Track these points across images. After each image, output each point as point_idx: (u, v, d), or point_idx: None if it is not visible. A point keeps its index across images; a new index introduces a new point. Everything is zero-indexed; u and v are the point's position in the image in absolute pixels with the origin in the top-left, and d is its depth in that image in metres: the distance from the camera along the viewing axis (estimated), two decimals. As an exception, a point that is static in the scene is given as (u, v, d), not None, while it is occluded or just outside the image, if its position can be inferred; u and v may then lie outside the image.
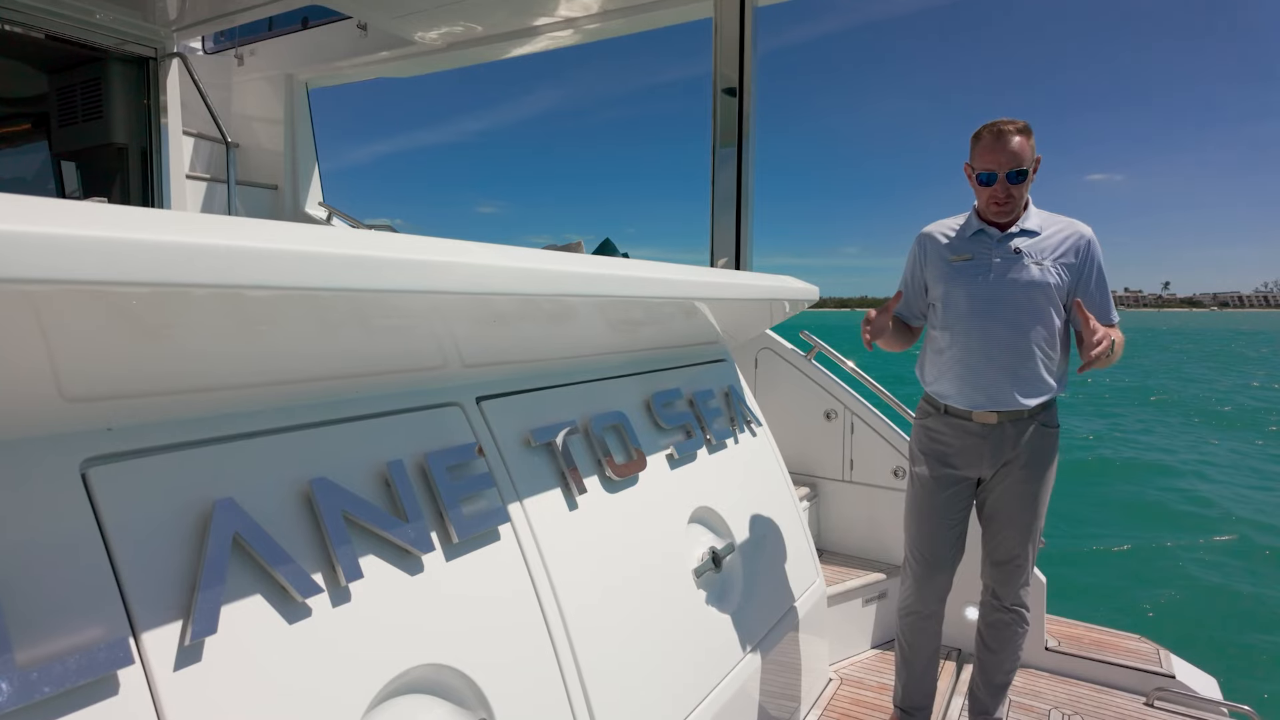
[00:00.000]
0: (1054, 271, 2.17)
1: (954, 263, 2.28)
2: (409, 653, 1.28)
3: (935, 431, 2.35)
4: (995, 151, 2.14)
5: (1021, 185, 2.17)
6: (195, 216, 0.92)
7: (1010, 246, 2.21)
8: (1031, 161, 2.16)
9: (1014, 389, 2.20)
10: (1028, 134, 2.15)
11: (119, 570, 0.98)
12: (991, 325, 2.20)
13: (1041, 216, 2.26)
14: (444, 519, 1.44)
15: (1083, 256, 2.20)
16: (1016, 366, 2.19)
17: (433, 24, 4.15)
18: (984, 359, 2.22)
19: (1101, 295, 2.22)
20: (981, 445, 2.26)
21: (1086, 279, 2.21)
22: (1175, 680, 2.81)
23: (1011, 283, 2.18)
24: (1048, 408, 2.27)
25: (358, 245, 1.10)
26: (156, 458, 1.08)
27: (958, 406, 2.28)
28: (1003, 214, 2.20)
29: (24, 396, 0.96)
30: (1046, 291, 2.16)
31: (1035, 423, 2.24)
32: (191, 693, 0.99)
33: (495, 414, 1.71)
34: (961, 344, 2.25)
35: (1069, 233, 2.22)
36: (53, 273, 0.73)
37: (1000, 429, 2.23)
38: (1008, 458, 2.24)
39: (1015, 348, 2.18)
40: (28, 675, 0.84)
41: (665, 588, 1.97)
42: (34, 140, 4.95)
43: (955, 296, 2.26)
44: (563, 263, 1.59)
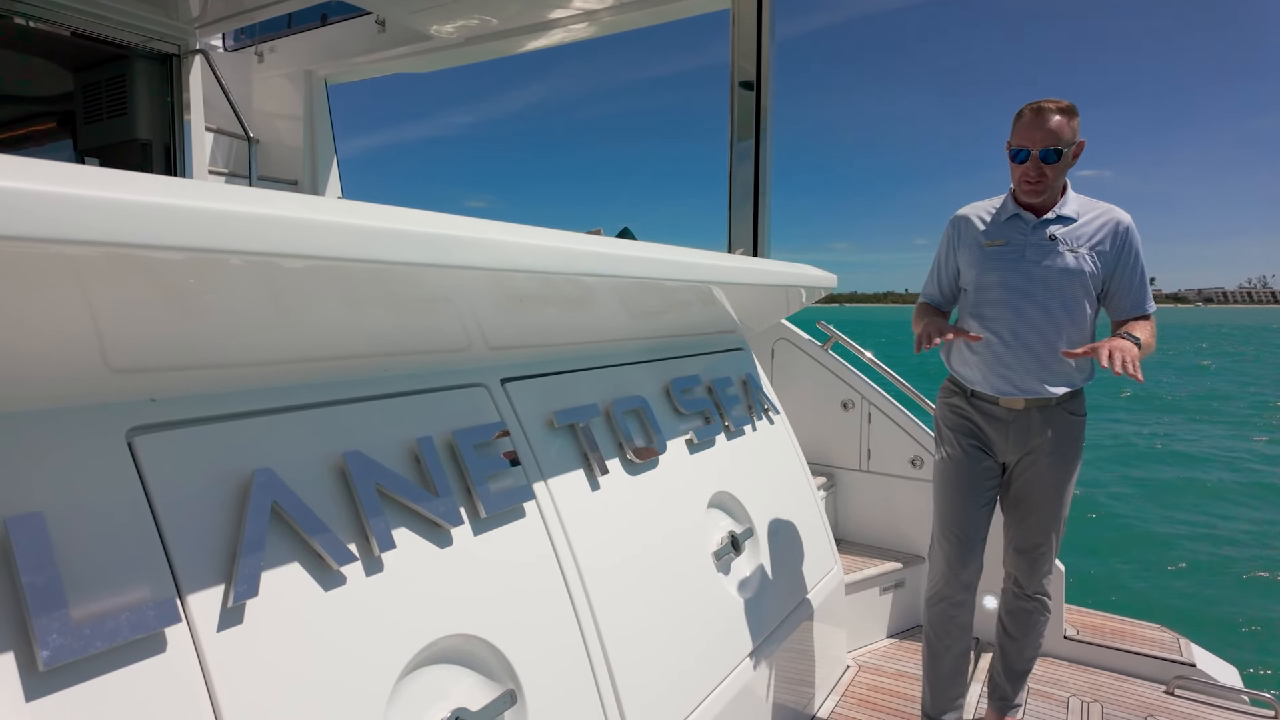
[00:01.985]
0: (1089, 260, 2.11)
1: (988, 248, 2.22)
2: (440, 623, 1.31)
3: (960, 409, 2.31)
4: (1032, 128, 2.06)
5: (1056, 166, 2.08)
6: (234, 189, 0.95)
7: (1046, 233, 2.15)
8: (1071, 144, 2.07)
9: (1042, 378, 2.16)
10: (1070, 114, 2.07)
11: (164, 534, 1.01)
12: (1023, 314, 2.16)
13: (1079, 202, 2.19)
14: (472, 494, 1.47)
15: (1120, 244, 2.13)
16: (1046, 356, 2.14)
17: (449, 18, 4.19)
18: (1014, 348, 2.17)
19: (1139, 285, 2.15)
20: (1007, 430, 2.22)
21: (1124, 268, 2.14)
22: (1196, 669, 2.80)
23: (1045, 271, 2.13)
24: (1075, 396, 2.23)
25: (385, 219, 1.12)
26: (198, 428, 1.12)
27: (984, 392, 2.24)
28: (1033, 194, 2.12)
29: (73, 367, 0.99)
30: (1081, 280, 2.11)
31: (1062, 410, 2.20)
32: (234, 651, 1.02)
33: (519, 395, 1.73)
34: (992, 331, 2.20)
35: (1106, 219, 2.14)
36: (109, 235, 0.76)
37: (1027, 415, 2.20)
38: (1033, 445, 2.21)
39: (1046, 337, 2.14)
40: (81, 630, 0.88)
41: (686, 569, 1.99)
42: (59, 138, 5.04)
43: (988, 283, 2.21)
44: (587, 243, 1.62)
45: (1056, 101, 2.07)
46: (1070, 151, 2.09)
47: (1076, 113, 2.08)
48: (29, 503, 0.90)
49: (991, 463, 2.28)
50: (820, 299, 3.02)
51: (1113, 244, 2.12)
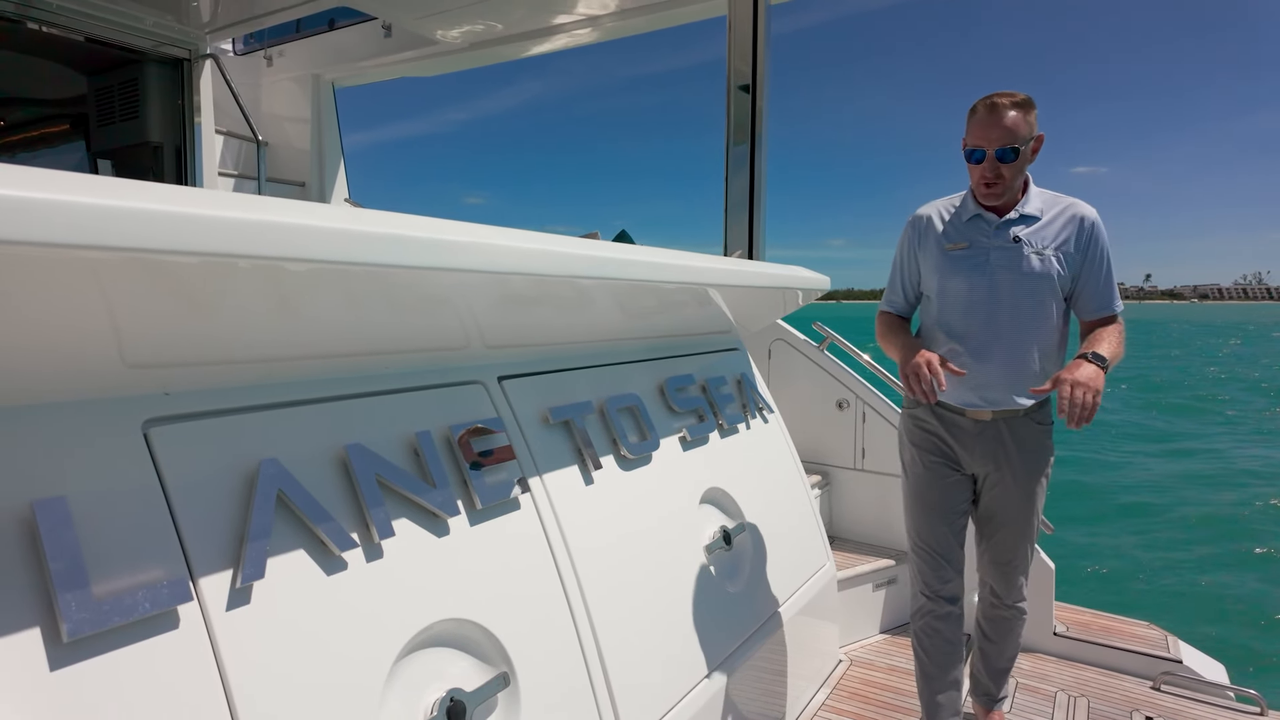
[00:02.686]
0: (1056, 261, 2.01)
1: (950, 252, 2.11)
2: (436, 608, 1.38)
3: (924, 422, 2.22)
4: (986, 126, 1.95)
5: (1014, 165, 1.97)
6: (246, 197, 1.02)
7: (1009, 234, 2.05)
8: (1028, 139, 1.97)
9: (1011, 389, 2.06)
10: (1026, 109, 1.95)
11: (177, 519, 1.09)
12: (989, 323, 2.05)
13: (1043, 199, 2.08)
14: (468, 487, 1.54)
15: (1085, 241, 2.03)
16: (1015, 366, 2.05)
17: (454, 24, 4.27)
18: (981, 358, 2.07)
19: (1105, 283, 2.05)
20: (974, 443, 2.14)
21: (1090, 266, 2.04)
22: (1182, 665, 2.85)
23: (1011, 276, 2.03)
24: (1042, 405, 2.14)
25: (389, 225, 1.19)
26: (209, 421, 1.19)
27: (950, 404, 2.15)
28: (992, 196, 2.02)
29: (93, 362, 1.06)
30: (1048, 284, 2.01)
31: (1029, 420, 2.12)
32: (241, 629, 1.09)
33: (516, 392, 1.80)
34: (958, 342, 2.10)
35: (1070, 216, 2.05)
36: (125, 241, 0.83)
37: (994, 426, 2.11)
38: (1002, 457, 2.13)
39: (1014, 347, 2.04)
40: (101, 605, 0.95)
41: (677, 561, 2.06)
42: (73, 140, 5.14)
43: (952, 291, 2.10)
44: (584, 247, 1.69)
45: (1011, 95, 1.96)
46: (1029, 148, 1.99)
47: (1033, 105, 1.98)
48: (53, 487, 0.98)
49: (960, 476, 2.20)
50: (816, 297, 3.08)
51: (1078, 242, 2.03)
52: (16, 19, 3.79)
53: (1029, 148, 1.98)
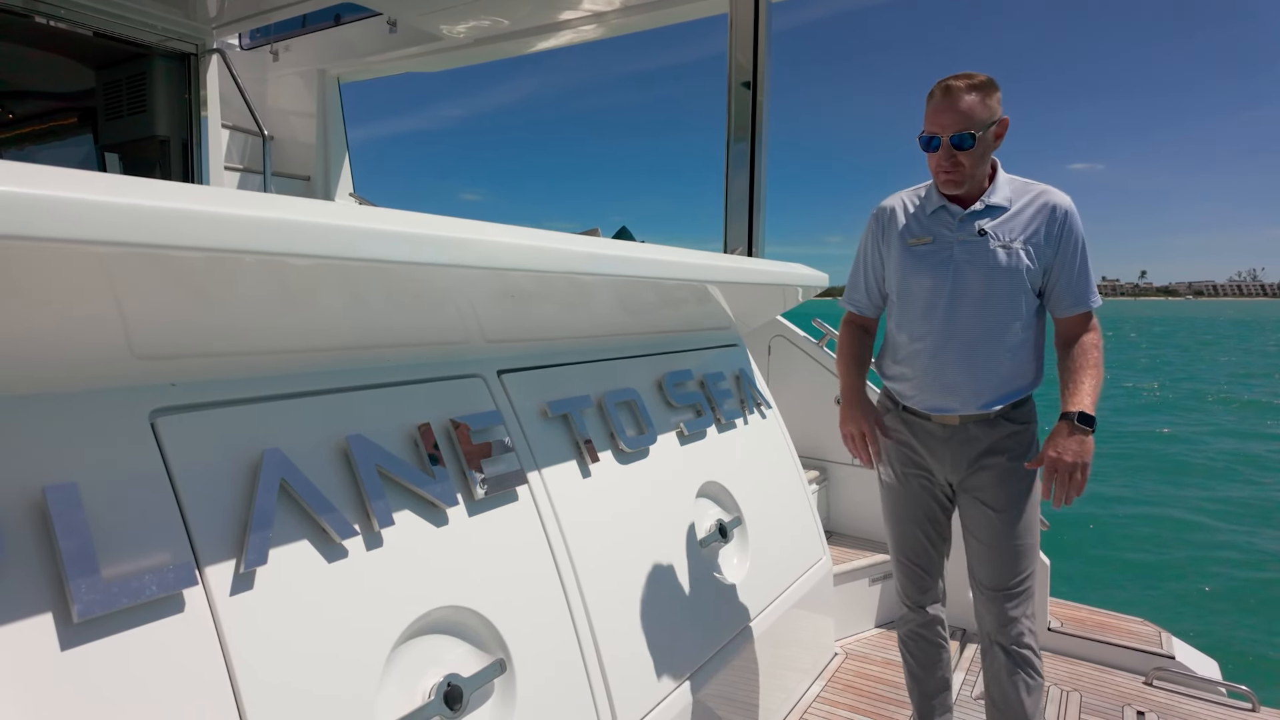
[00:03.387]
0: (1024, 254, 1.86)
1: (913, 247, 1.97)
2: (434, 595, 1.41)
3: (893, 430, 2.09)
4: (940, 111, 1.81)
5: (972, 152, 1.81)
6: (249, 194, 1.06)
7: (974, 227, 1.89)
8: (988, 123, 1.80)
9: (977, 394, 1.92)
10: (986, 91, 1.80)
11: (183, 506, 1.12)
12: (953, 323, 1.92)
13: (1012, 187, 1.92)
14: (467, 478, 1.57)
15: (1058, 231, 1.86)
16: (981, 369, 1.91)
17: (459, 19, 4.29)
18: (944, 361, 1.94)
19: (1079, 277, 1.88)
20: (943, 448, 2.00)
21: (1063, 258, 1.87)
22: (1175, 661, 2.87)
23: (976, 272, 1.88)
24: (1020, 404, 1.97)
25: (393, 222, 1.23)
26: (214, 411, 1.22)
27: (915, 408, 2.02)
28: (951, 184, 1.87)
29: (102, 352, 1.10)
30: (1016, 279, 1.86)
31: (1005, 421, 1.95)
32: (244, 613, 1.13)
33: (515, 386, 1.84)
34: (920, 343, 1.97)
35: (1041, 204, 1.88)
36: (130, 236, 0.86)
37: (964, 430, 1.96)
38: (976, 463, 1.96)
39: (980, 348, 1.90)
40: (109, 587, 0.99)
41: (673, 553, 2.09)
42: (81, 133, 5.18)
43: (913, 290, 1.97)
44: (586, 244, 1.72)
45: (969, 77, 1.81)
46: (990, 133, 1.82)
47: (995, 87, 1.82)
48: (64, 473, 1.01)
49: (932, 484, 2.07)
50: (816, 294, 3.11)
51: (1049, 232, 1.86)
52: (25, 14, 3.83)
53: (990, 133, 1.83)
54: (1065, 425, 1.80)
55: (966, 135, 1.80)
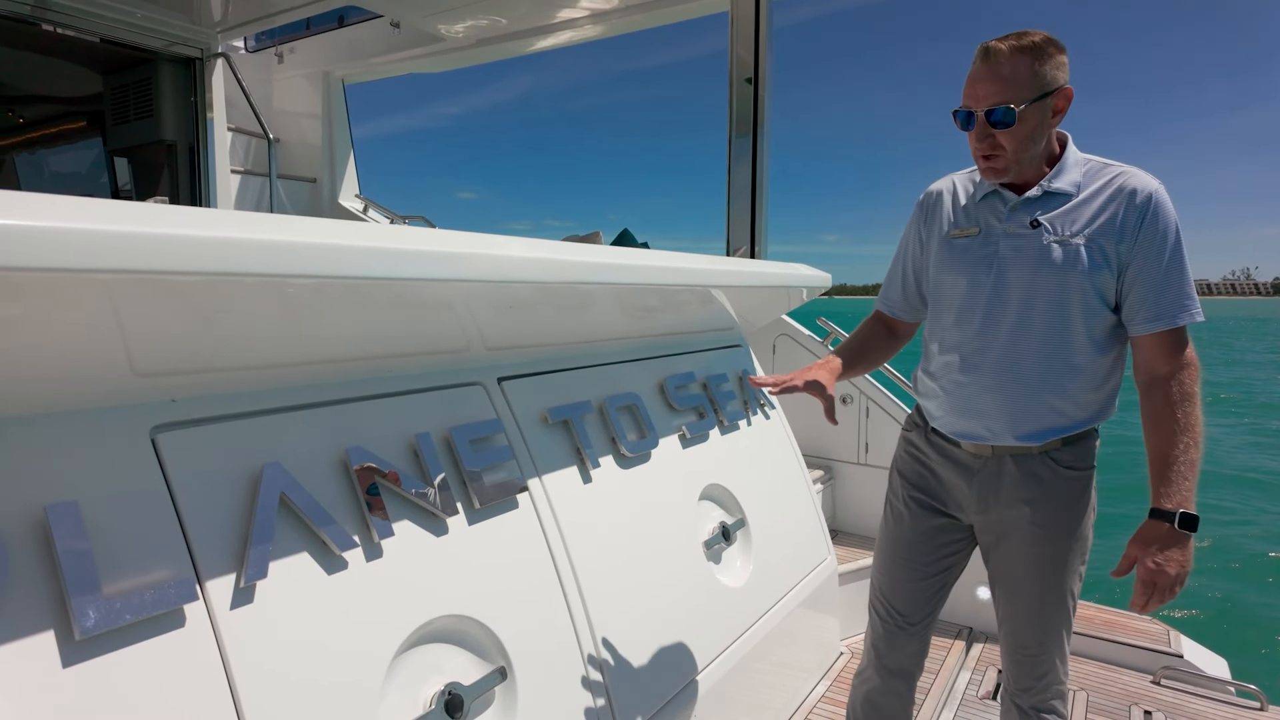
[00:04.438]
0: (1086, 252, 1.47)
1: (954, 240, 1.64)
2: (434, 605, 1.42)
3: (916, 449, 1.77)
4: (977, 80, 1.46)
5: (1013, 131, 1.45)
6: (249, 215, 1.07)
7: (1026, 217, 1.53)
8: (1038, 95, 1.43)
9: (1011, 422, 1.56)
10: (1039, 53, 1.42)
11: (184, 521, 1.14)
12: (990, 333, 1.58)
13: (1083, 169, 1.54)
14: (467, 487, 1.59)
15: (1137, 222, 1.45)
16: (1019, 392, 1.55)
17: (458, 20, 4.30)
18: (976, 378, 1.60)
19: (1166, 283, 1.45)
20: (970, 481, 1.65)
21: (1144, 255, 1.45)
22: (1183, 660, 2.86)
23: (1020, 272, 1.53)
24: (1076, 442, 1.58)
25: (390, 239, 1.24)
26: (214, 426, 1.24)
27: (943, 430, 1.69)
28: (991, 174, 1.54)
29: (103, 370, 1.11)
30: (1072, 283, 1.48)
31: (1050, 462, 1.57)
32: (245, 627, 1.15)
33: (515, 393, 1.84)
34: (950, 355, 1.65)
35: (1116, 189, 1.48)
36: (129, 264, 0.88)
37: (997, 463, 1.61)
38: (1007, 505, 1.61)
39: (1021, 366, 1.55)
40: (112, 604, 1.00)
41: (676, 557, 2.10)
42: (89, 137, 5.23)
43: (946, 290, 1.66)
44: (588, 254, 1.73)
45: (1020, 36, 1.44)
46: (1044, 105, 1.45)
47: (1056, 48, 1.44)
48: (66, 492, 1.03)
49: (945, 521, 1.72)
50: (819, 294, 3.10)
51: (1125, 224, 1.46)
52: (33, 21, 3.87)
53: (1045, 105, 1.45)
54: (1165, 529, 1.41)
55: (1005, 109, 1.43)
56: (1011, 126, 1.45)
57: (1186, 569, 1.42)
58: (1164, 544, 1.42)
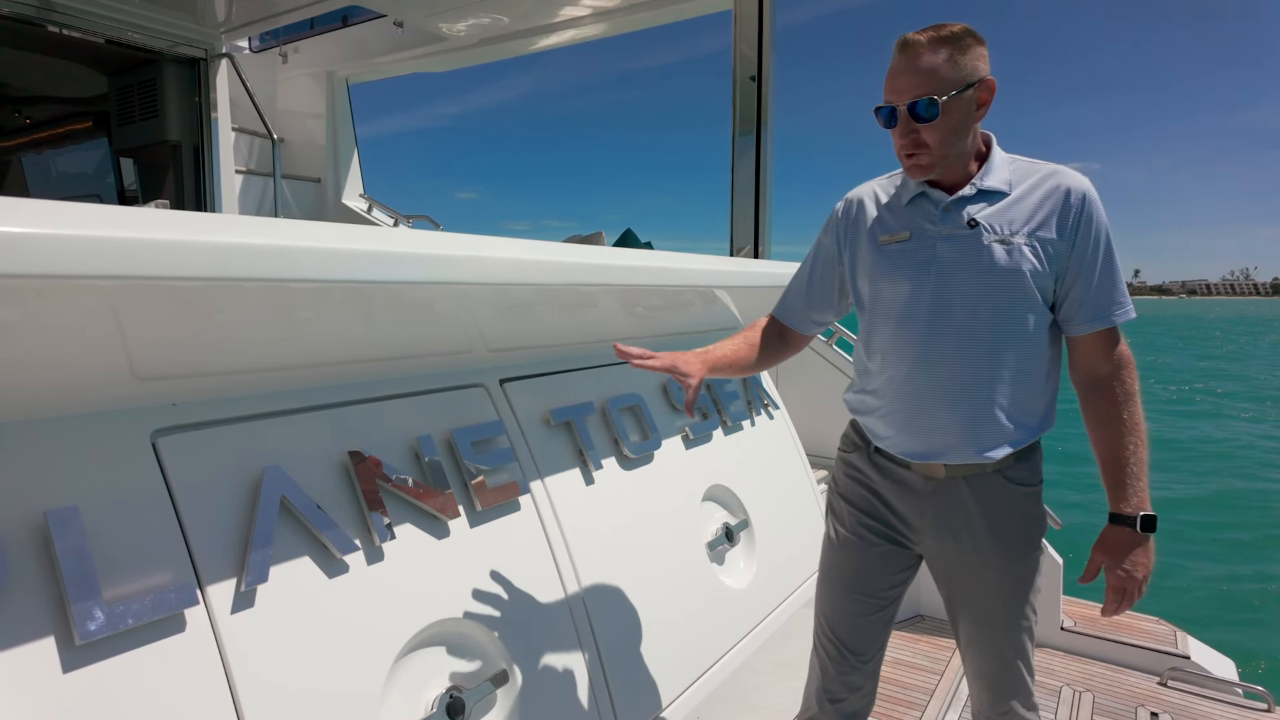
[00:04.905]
0: (1029, 251, 1.42)
1: (885, 246, 1.54)
2: (435, 608, 1.42)
3: (857, 471, 1.65)
4: (896, 74, 1.41)
5: (938, 125, 1.39)
6: (249, 220, 1.07)
7: (962, 217, 1.46)
8: (960, 85, 1.37)
9: (971, 437, 1.48)
10: (957, 44, 1.37)
11: (185, 526, 1.14)
12: (936, 342, 1.48)
13: (1013, 168, 1.50)
14: (468, 489, 1.58)
15: (1074, 222, 1.43)
16: (974, 403, 1.47)
17: (460, 19, 4.30)
18: (928, 393, 1.49)
19: (1103, 282, 1.45)
20: (925, 507, 1.55)
21: (1081, 255, 1.43)
22: (1190, 661, 2.84)
23: (964, 275, 1.45)
24: (1024, 457, 1.52)
25: (391, 242, 1.24)
26: (215, 429, 1.24)
27: (889, 450, 1.58)
28: (916, 170, 1.47)
29: (104, 375, 1.12)
30: (1017, 284, 1.43)
31: (1003, 480, 1.51)
32: (246, 632, 1.15)
33: (517, 395, 1.84)
34: (894, 369, 1.53)
35: (1050, 188, 1.45)
36: (132, 270, 0.88)
37: (953, 486, 1.52)
38: (962, 529, 1.52)
39: (973, 375, 1.47)
40: (113, 609, 1.00)
41: (678, 558, 2.09)
42: (95, 137, 5.25)
43: (885, 299, 1.54)
44: (592, 256, 1.73)
45: (936, 28, 1.40)
46: (966, 98, 1.39)
47: (973, 39, 1.39)
48: (66, 496, 1.03)
49: (894, 549, 1.62)
50: None
51: (1062, 223, 1.43)
52: (38, 23, 3.88)
53: (967, 98, 1.39)
54: (1127, 533, 1.42)
55: (927, 101, 1.37)
56: (935, 120, 1.39)
57: (1150, 568, 1.44)
58: (1129, 548, 1.43)
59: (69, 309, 0.98)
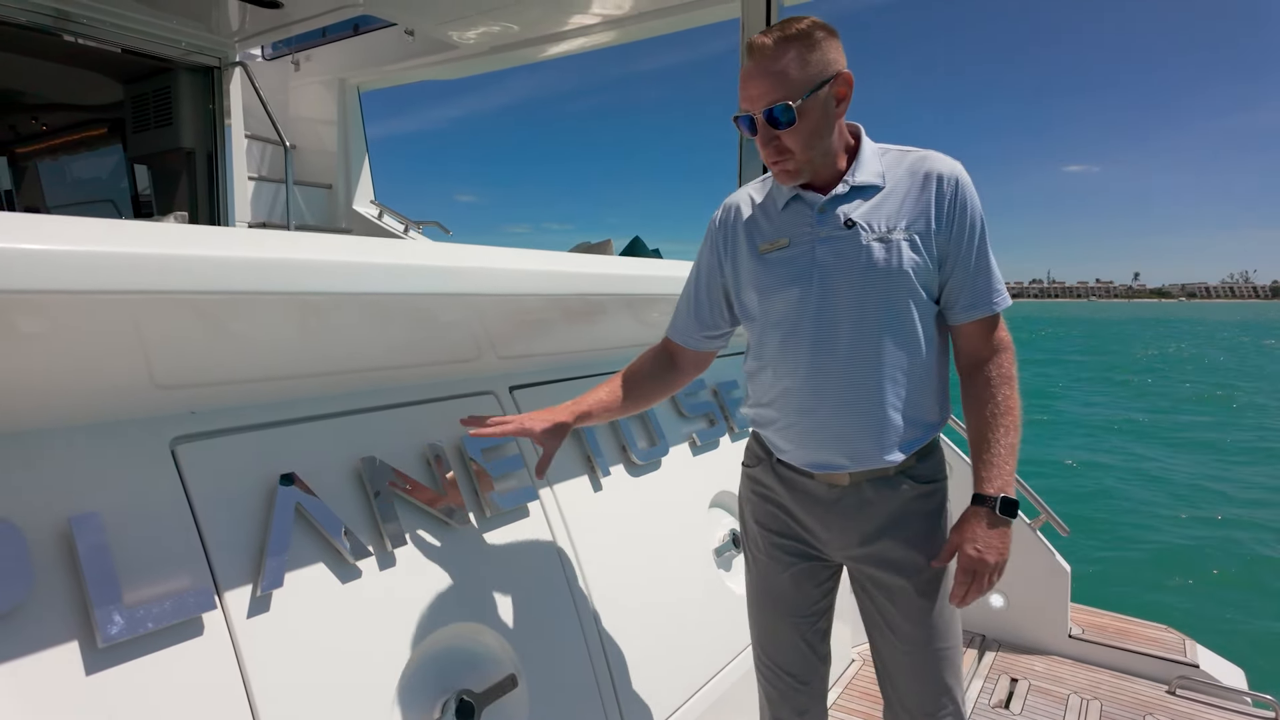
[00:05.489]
0: (908, 246, 1.38)
1: (766, 255, 1.48)
2: (447, 612, 1.45)
3: (763, 486, 1.59)
4: (747, 80, 1.35)
5: (796, 130, 1.34)
6: (269, 234, 1.10)
7: (838, 217, 1.41)
8: (815, 84, 1.32)
9: (871, 442, 1.43)
10: (806, 41, 1.32)
11: (202, 532, 1.16)
12: (826, 348, 1.43)
13: (883, 159, 1.45)
14: (478, 496, 1.61)
15: (948, 207, 1.39)
16: (870, 407, 1.42)
17: (470, 27, 4.34)
18: (823, 402, 1.44)
19: (979, 268, 1.41)
20: (831, 516, 1.50)
21: (958, 242, 1.39)
22: (1199, 669, 2.83)
23: (846, 277, 1.40)
24: (925, 456, 1.49)
25: (406, 254, 1.27)
26: (232, 437, 1.27)
27: (791, 462, 1.52)
28: (784, 177, 1.42)
29: (124, 384, 1.14)
30: (900, 281, 1.38)
31: (908, 481, 1.47)
32: (262, 636, 1.17)
33: (527, 402, 1.86)
34: (788, 379, 1.47)
35: (922, 175, 1.40)
36: (152, 285, 0.91)
37: (856, 492, 1.47)
38: (876, 537, 1.48)
39: (866, 379, 1.42)
40: (134, 613, 1.03)
41: (685, 565, 2.11)
42: (110, 144, 5.32)
43: (773, 309, 1.48)
44: (597, 266, 1.75)
45: (783, 26, 1.33)
46: (823, 96, 1.33)
47: (820, 35, 1.33)
48: (89, 503, 1.06)
49: (811, 565, 1.57)
50: None
51: (938, 211, 1.39)
52: (56, 32, 3.94)
53: (823, 96, 1.33)
54: (985, 514, 1.39)
55: (783, 106, 1.31)
56: (794, 124, 1.33)
57: (1005, 556, 1.39)
58: (986, 530, 1.38)
59: (95, 321, 1.01)
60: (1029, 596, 3.12)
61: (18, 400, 1.03)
